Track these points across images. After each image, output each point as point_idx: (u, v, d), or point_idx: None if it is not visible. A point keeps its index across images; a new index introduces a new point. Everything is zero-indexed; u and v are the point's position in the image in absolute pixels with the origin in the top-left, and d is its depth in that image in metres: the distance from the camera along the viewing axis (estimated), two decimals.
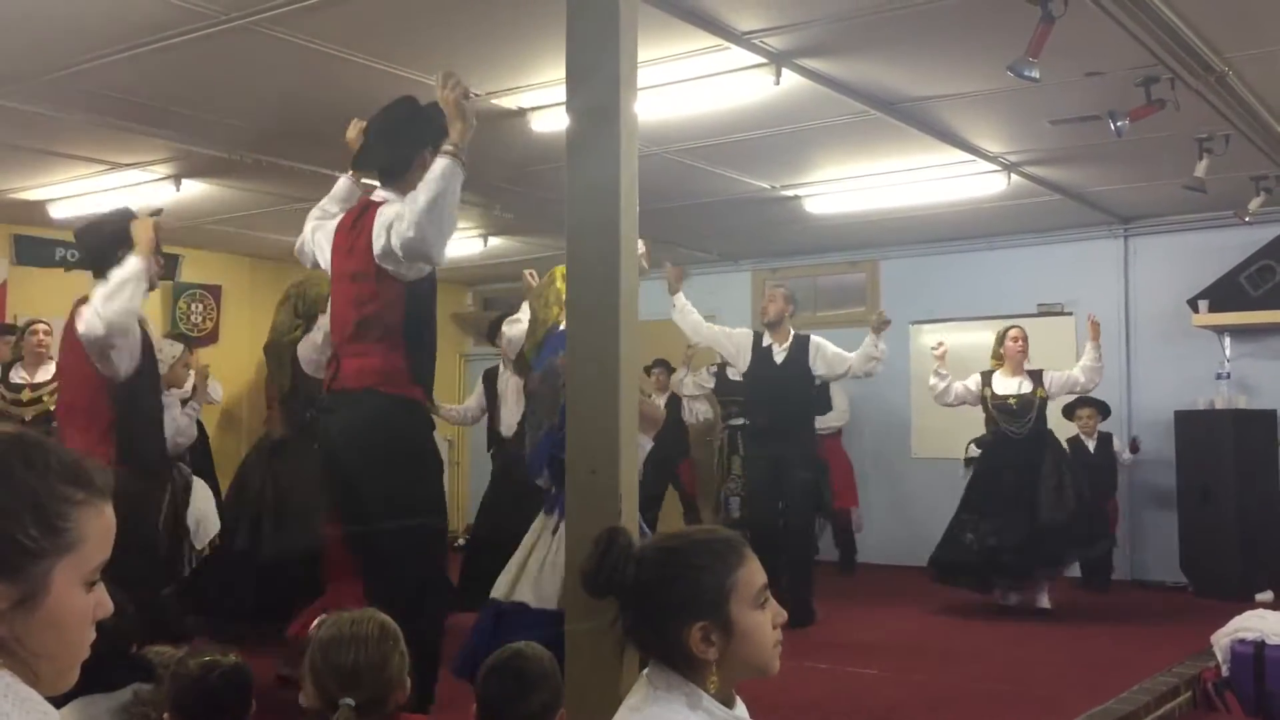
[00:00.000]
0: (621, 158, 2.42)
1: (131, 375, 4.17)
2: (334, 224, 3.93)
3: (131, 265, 4.03)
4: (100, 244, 4.23)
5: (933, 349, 7.69)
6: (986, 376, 7.48)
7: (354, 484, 3.61)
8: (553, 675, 2.49)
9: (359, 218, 3.69)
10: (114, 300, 3.97)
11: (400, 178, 3.73)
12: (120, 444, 4.16)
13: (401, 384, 3.62)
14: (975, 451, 7.75)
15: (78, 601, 1.22)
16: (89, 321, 3.99)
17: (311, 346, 5.06)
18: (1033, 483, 7.17)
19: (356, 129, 4.11)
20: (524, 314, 6.06)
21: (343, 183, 4.12)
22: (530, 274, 6.01)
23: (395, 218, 3.46)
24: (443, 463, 3.84)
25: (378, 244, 3.50)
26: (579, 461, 2.38)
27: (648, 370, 8.84)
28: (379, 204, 3.67)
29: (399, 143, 3.76)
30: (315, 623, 2.47)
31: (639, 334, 2.45)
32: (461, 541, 9.91)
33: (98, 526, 1.24)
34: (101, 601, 1.24)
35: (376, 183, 3.92)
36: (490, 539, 5.93)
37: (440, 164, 3.31)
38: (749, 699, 1.99)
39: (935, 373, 7.60)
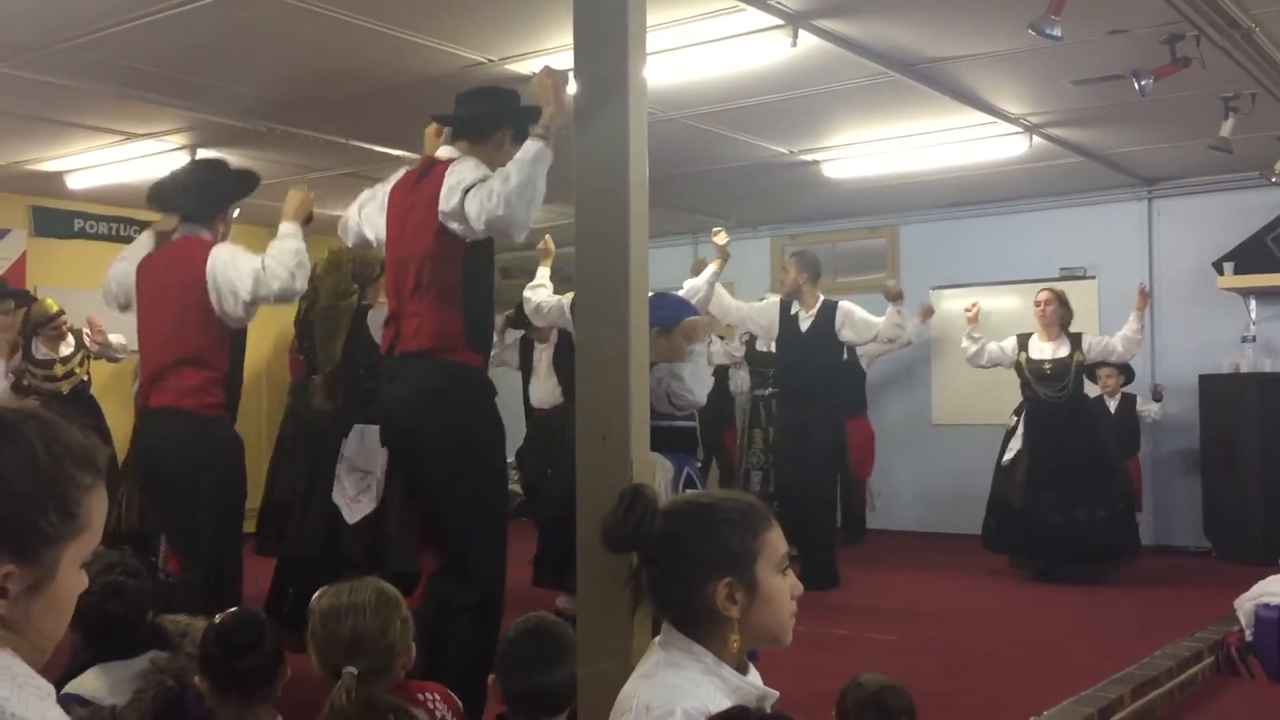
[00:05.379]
0: (631, 123, 2.39)
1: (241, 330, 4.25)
2: (384, 195, 3.88)
3: (297, 232, 4.08)
4: (207, 197, 4.26)
5: (966, 310, 7.63)
6: (1023, 340, 7.40)
7: (416, 459, 3.56)
8: (575, 651, 2.47)
9: (424, 174, 3.63)
10: (302, 272, 4.02)
11: (477, 143, 3.71)
12: (230, 395, 4.23)
13: (459, 349, 3.57)
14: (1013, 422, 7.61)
15: (76, 582, 1.24)
16: (282, 276, 3.96)
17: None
18: (1091, 460, 7.09)
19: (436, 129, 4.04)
20: (543, 278, 6.02)
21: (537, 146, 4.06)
22: (549, 238, 5.99)
23: (479, 187, 3.41)
24: (504, 434, 3.75)
25: (448, 201, 3.46)
26: (590, 428, 2.37)
27: None
28: (447, 160, 3.62)
29: (486, 109, 3.76)
30: (317, 594, 2.47)
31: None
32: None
33: (99, 511, 1.25)
34: (83, 579, 1.26)
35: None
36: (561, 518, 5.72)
37: (534, 147, 3.32)
38: (767, 665, 1.99)
39: (968, 335, 7.54)
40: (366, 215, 3.94)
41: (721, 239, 6.45)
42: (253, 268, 4.01)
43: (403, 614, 2.42)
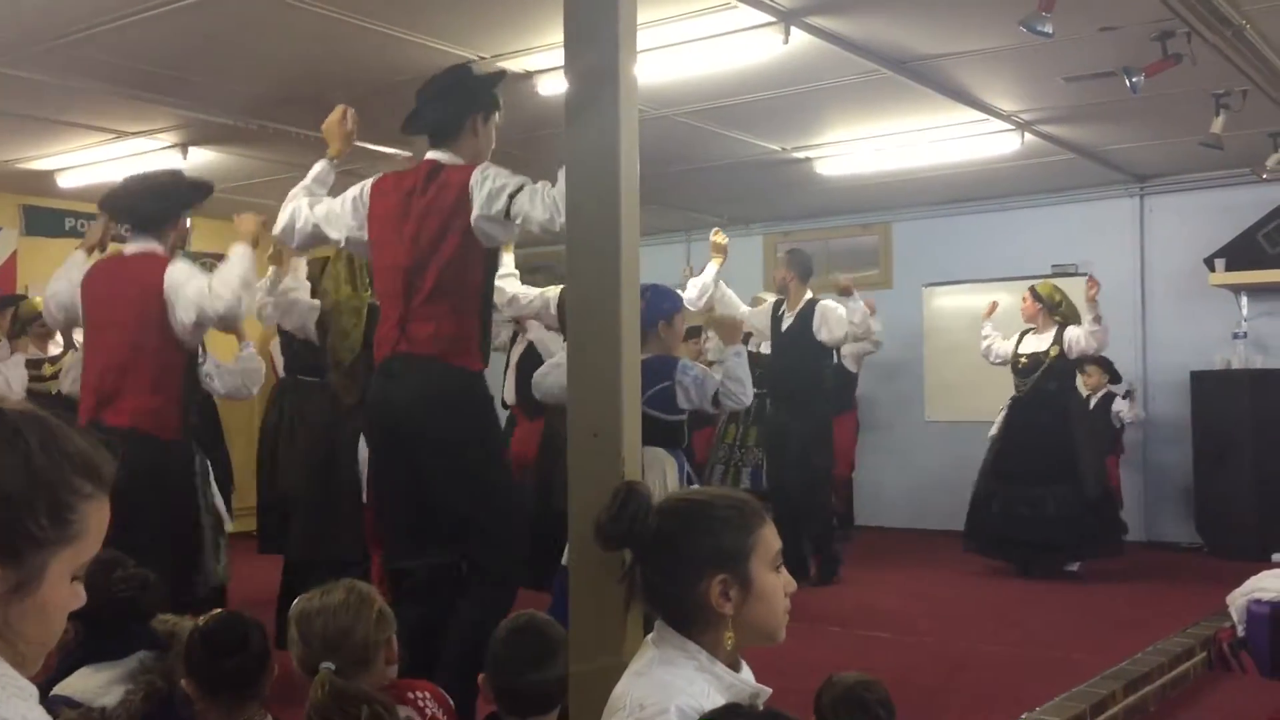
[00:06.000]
0: (621, 121, 2.38)
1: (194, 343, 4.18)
2: (348, 198, 3.79)
3: (247, 255, 4.06)
4: (160, 204, 4.19)
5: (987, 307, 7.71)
6: (1023, 335, 7.47)
7: (424, 459, 3.52)
8: (565, 650, 2.46)
9: (430, 178, 3.58)
10: (248, 294, 4.03)
11: (453, 139, 3.67)
12: (185, 410, 4.13)
13: (471, 354, 3.55)
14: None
15: (65, 592, 1.22)
16: (226, 298, 3.93)
17: None
18: (1054, 456, 7.10)
19: (341, 113, 4.00)
20: (509, 265, 5.96)
21: (323, 166, 3.97)
22: None
23: (530, 190, 3.37)
24: (503, 439, 3.70)
25: (491, 205, 3.41)
26: (581, 425, 2.36)
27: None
28: (455, 166, 3.58)
29: (450, 105, 3.70)
30: (295, 601, 2.47)
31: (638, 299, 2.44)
32: None
33: (97, 521, 1.23)
34: (77, 593, 1.24)
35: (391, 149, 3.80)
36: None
37: None
38: (760, 662, 1.99)
39: (982, 333, 7.63)
40: (327, 215, 3.81)
41: (721, 238, 6.54)
42: (199, 287, 3.95)
43: (377, 609, 2.41)
